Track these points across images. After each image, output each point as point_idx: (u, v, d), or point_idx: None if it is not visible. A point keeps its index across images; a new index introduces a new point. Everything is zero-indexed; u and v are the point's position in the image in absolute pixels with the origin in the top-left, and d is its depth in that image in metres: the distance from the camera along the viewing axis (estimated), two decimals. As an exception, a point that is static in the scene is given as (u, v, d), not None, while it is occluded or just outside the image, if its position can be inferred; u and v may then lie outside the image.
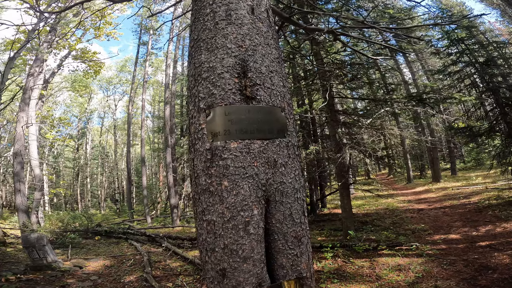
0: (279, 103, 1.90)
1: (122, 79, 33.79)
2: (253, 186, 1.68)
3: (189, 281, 5.48)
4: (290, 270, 1.72)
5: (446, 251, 5.76)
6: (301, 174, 1.92)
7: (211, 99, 1.79)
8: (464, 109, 21.29)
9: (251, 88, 1.81)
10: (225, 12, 1.98)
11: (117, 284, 5.47)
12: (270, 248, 1.75)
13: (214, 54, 1.87)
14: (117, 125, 36.72)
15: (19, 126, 10.58)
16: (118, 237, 10.53)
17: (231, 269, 1.60)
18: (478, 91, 10.59)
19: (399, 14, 8.68)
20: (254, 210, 1.66)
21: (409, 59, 19.02)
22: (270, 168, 1.75)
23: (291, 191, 1.79)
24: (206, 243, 1.71)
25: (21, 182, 10.11)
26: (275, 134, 1.81)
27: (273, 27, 2.24)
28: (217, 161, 1.70)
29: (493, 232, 6.50)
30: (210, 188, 1.70)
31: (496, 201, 9.05)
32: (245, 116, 1.74)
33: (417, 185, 17.67)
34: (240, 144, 1.71)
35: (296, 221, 1.78)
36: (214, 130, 1.73)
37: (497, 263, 4.76)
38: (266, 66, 1.92)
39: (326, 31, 3.21)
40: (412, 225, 8.26)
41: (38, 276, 5.65)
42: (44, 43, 11.97)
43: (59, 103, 28.58)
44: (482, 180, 14.19)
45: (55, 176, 27.63)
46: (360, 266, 5.46)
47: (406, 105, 7.66)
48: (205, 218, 1.72)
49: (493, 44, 10.80)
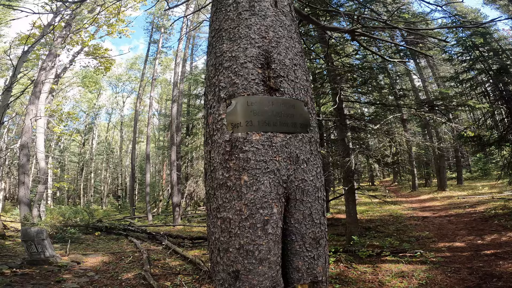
0: (302, 96, 1.82)
1: (131, 77, 34.06)
2: (274, 182, 1.58)
3: (188, 280, 5.39)
4: (305, 274, 1.62)
5: (451, 258, 5.69)
6: (322, 172, 1.83)
7: (232, 88, 1.71)
8: (474, 118, 21.07)
9: (274, 80, 1.72)
10: (249, 3, 1.93)
11: (114, 281, 5.39)
12: (286, 250, 1.65)
13: (237, 43, 1.80)
14: (124, 121, 36.92)
15: (27, 119, 10.61)
16: (118, 234, 10.47)
17: (245, 271, 1.51)
18: (489, 100, 10.43)
19: (414, 18, 8.58)
20: (274, 208, 1.56)
21: (420, 65, 18.84)
22: (292, 164, 1.65)
23: (312, 189, 1.70)
24: (219, 242, 1.61)
25: (25, 174, 10.10)
26: (298, 129, 1.72)
27: (295, 22, 2.18)
28: (237, 154, 1.60)
29: (499, 241, 6.43)
30: (228, 183, 1.60)
31: (502, 211, 8.95)
32: (268, 108, 1.64)
33: (422, 193, 17.51)
34: (262, 137, 1.61)
35: (315, 222, 1.68)
36: (235, 121, 1.64)
37: (502, 271, 4.70)
38: (290, 58, 1.84)
39: (346, 30, 3.12)
40: (416, 232, 8.17)
41: (34, 271, 5.57)
42: (58, 38, 12.03)
43: (69, 98, 28.75)
44: (488, 190, 13.99)
45: (60, 170, 27.74)
46: (362, 272, 5.39)
47: (418, 111, 7.53)
48: (220, 215, 1.62)
49: (507, 52, 10.62)
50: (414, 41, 8.88)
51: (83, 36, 14.05)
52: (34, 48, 12.33)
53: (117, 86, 35.17)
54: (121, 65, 34.14)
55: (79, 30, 13.12)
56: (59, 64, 14.57)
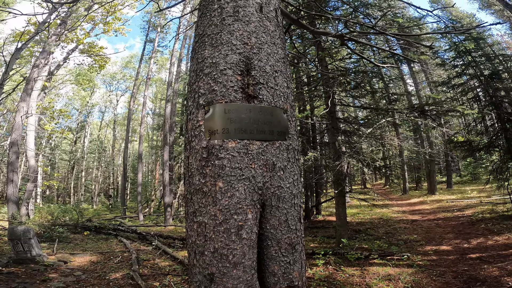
0: (282, 104, 1.84)
1: (126, 75, 33.86)
2: (249, 189, 1.60)
3: (177, 281, 5.36)
4: (282, 278, 1.65)
5: (437, 262, 5.76)
6: (300, 179, 1.85)
7: (211, 95, 1.72)
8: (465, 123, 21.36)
9: (253, 87, 1.74)
10: (233, 8, 1.93)
11: (102, 281, 5.34)
12: (262, 254, 1.68)
13: (218, 50, 1.81)
14: (117, 120, 36.63)
15: (18, 116, 10.47)
16: (108, 233, 10.37)
17: (220, 274, 1.53)
18: (481, 105, 10.58)
19: (408, 23, 8.67)
20: (249, 214, 1.59)
21: (413, 69, 19.04)
22: (268, 171, 1.67)
23: (288, 196, 1.72)
24: (196, 245, 1.63)
25: (14, 172, 9.97)
26: (276, 136, 1.74)
27: (281, 27, 2.19)
28: (213, 161, 1.63)
29: (484, 244, 6.55)
30: (204, 189, 1.63)
31: (489, 215, 9.10)
32: (246, 115, 1.66)
33: (412, 197, 17.71)
34: (238, 144, 1.64)
35: (291, 228, 1.71)
36: (212, 128, 1.66)
37: (486, 275, 4.77)
38: (271, 65, 1.86)
39: (334, 34, 3.15)
40: (405, 236, 8.26)
41: (20, 270, 5.50)
42: (53, 36, 11.90)
43: (62, 95, 28.45)
44: (477, 194, 14.22)
45: (50, 168, 27.40)
46: (350, 275, 5.43)
47: (408, 116, 7.63)
48: (196, 219, 1.64)
49: (499, 57, 10.79)
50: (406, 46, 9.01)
51: (79, 34, 13.94)
52: (28, 45, 12.19)
53: (111, 84, 34.98)
54: (116, 63, 33.97)
55: (75, 28, 13.00)
56: (52, 62, 14.43)
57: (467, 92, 11.00)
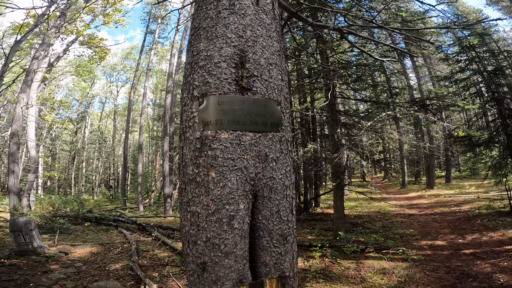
0: (275, 96, 1.85)
1: (126, 66, 33.79)
2: (241, 179, 1.63)
3: (176, 272, 5.47)
4: (273, 268, 1.68)
5: (431, 257, 5.83)
6: (292, 170, 1.88)
7: (205, 87, 1.74)
8: (466, 118, 21.29)
9: (247, 79, 1.76)
10: (229, 1, 1.93)
11: (102, 272, 5.44)
12: (254, 245, 1.71)
13: (213, 43, 1.83)
14: (118, 111, 36.64)
15: (18, 107, 10.50)
16: (108, 224, 10.48)
17: (212, 263, 1.57)
18: (483, 100, 10.54)
19: (412, 17, 8.57)
20: (241, 205, 1.62)
21: (416, 63, 18.90)
22: (261, 162, 1.70)
23: (280, 187, 1.75)
24: (189, 235, 1.67)
25: (15, 163, 10.03)
26: (269, 128, 1.76)
27: (277, 20, 2.19)
28: (206, 151, 1.65)
29: (479, 240, 6.61)
30: (197, 179, 1.66)
31: (486, 211, 9.16)
32: (239, 107, 1.68)
33: (410, 191, 17.79)
34: (231, 135, 1.66)
35: (283, 219, 1.74)
36: (205, 119, 1.68)
37: (478, 271, 4.83)
38: (265, 58, 1.87)
39: (332, 28, 3.13)
40: (401, 230, 8.34)
41: (22, 261, 5.59)
42: (53, 28, 11.84)
43: (62, 86, 28.40)
44: (475, 189, 14.27)
45: (51, 158, 27.51)
46: (346, 268, 5.51)
47: (409, 110, 7.61)
48: (190, 209, 1.68)
49: (504, 53, 10.70)
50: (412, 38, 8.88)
51: (78, 25, 13.85)
52: (27, 37, 12.15)
53: (111, 75, 34.91)
54: (116, 54, 33.86)
55: (74, 20, 12.92)
56: (52, 53, 14.39)
57: (470, 87, 10.94)
